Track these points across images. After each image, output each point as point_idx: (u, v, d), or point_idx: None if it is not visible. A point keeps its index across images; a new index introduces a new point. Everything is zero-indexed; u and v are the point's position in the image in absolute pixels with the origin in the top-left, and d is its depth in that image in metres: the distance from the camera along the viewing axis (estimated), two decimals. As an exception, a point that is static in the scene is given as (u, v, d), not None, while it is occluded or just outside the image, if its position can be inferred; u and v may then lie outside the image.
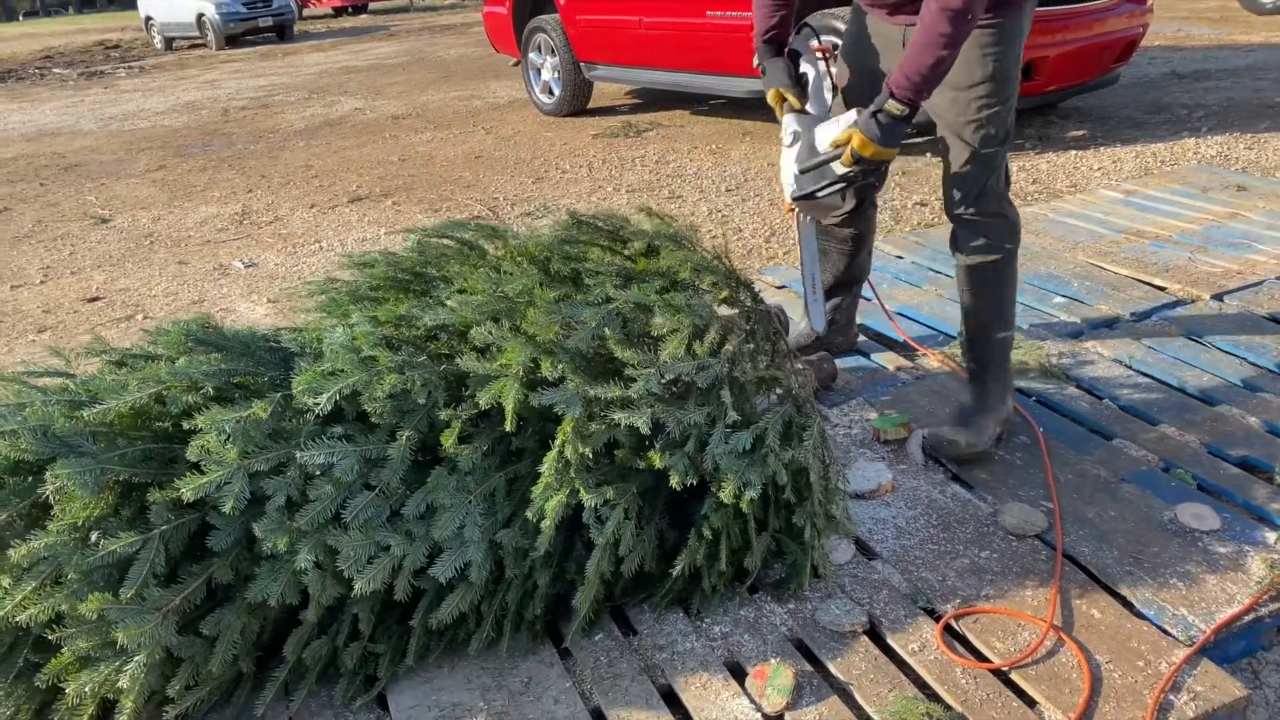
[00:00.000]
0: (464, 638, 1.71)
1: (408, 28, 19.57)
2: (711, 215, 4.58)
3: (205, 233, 5.22)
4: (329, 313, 1.97)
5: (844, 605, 1.75)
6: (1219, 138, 5.13)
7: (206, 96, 11.30)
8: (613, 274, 1.83)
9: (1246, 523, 1.89)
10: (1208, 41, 8.39)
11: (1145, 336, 2.65)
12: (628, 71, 6.84)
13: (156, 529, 1.54)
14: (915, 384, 2.52)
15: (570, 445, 1.63)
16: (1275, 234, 3.28)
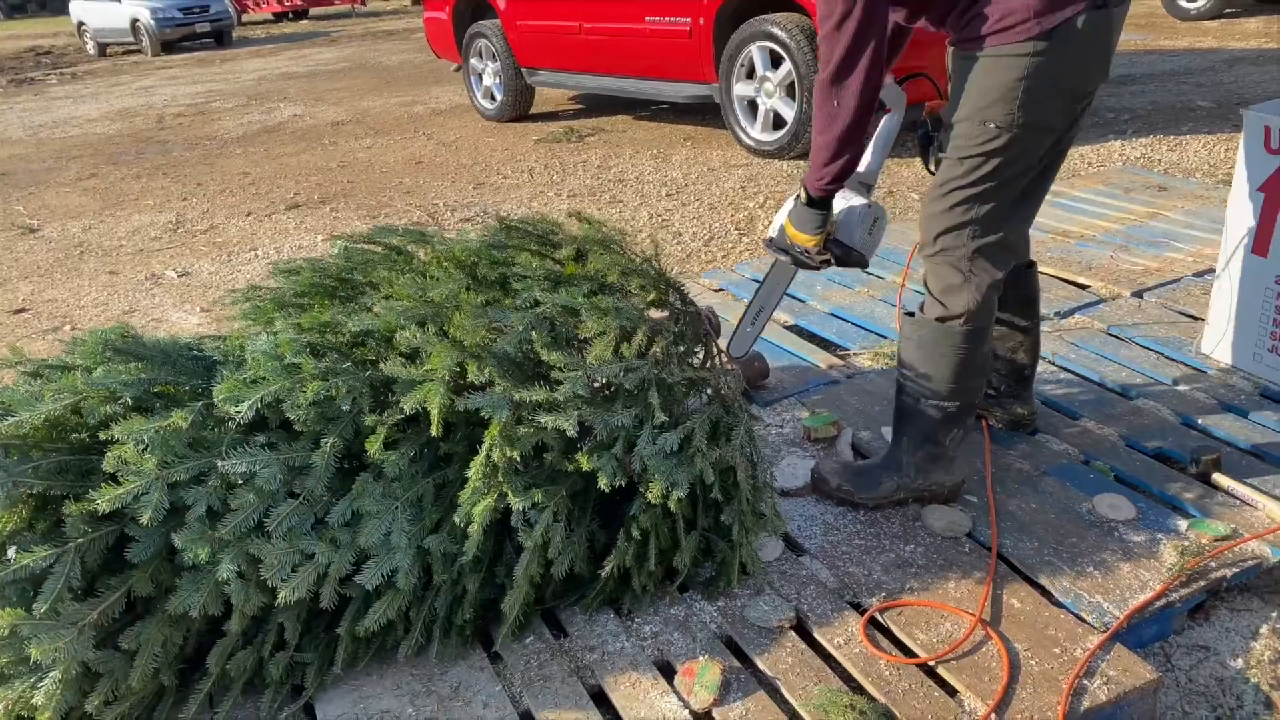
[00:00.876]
0: (393, 644, 1.70)
1: (349, 34, 19.36)
2: (652, 219, 4.60)
3: (138, 242, 5.12)
4: (253, 320, 1.94)
5: (772, 601, 1.78)
6: (1143, 140, 5.28)
7: (141, 103, 11.07)
8: (541, 278, 1.84)
9: (1161, 511, 1.95)
10: (1135, 47, 8.62)
11: (1068, 333, 2.72)
12: (569, 77, 6.85)
13: (72, 542, 1.52)
14: (846, 383, 2.56)
15: (498, 449, 1.63)
16: (1193, 232, 3.38)
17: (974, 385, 1.94)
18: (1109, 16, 1.69)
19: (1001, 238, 1.83)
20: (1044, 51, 1.67)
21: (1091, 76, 1.75)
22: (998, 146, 1.74)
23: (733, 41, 5.50)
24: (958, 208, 1.81)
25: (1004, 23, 1.68)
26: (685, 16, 5.71)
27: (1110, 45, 1.75)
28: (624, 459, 1.70)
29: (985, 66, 1.73)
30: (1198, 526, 1.88)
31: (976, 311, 1.86)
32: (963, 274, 1.84)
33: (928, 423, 1.96)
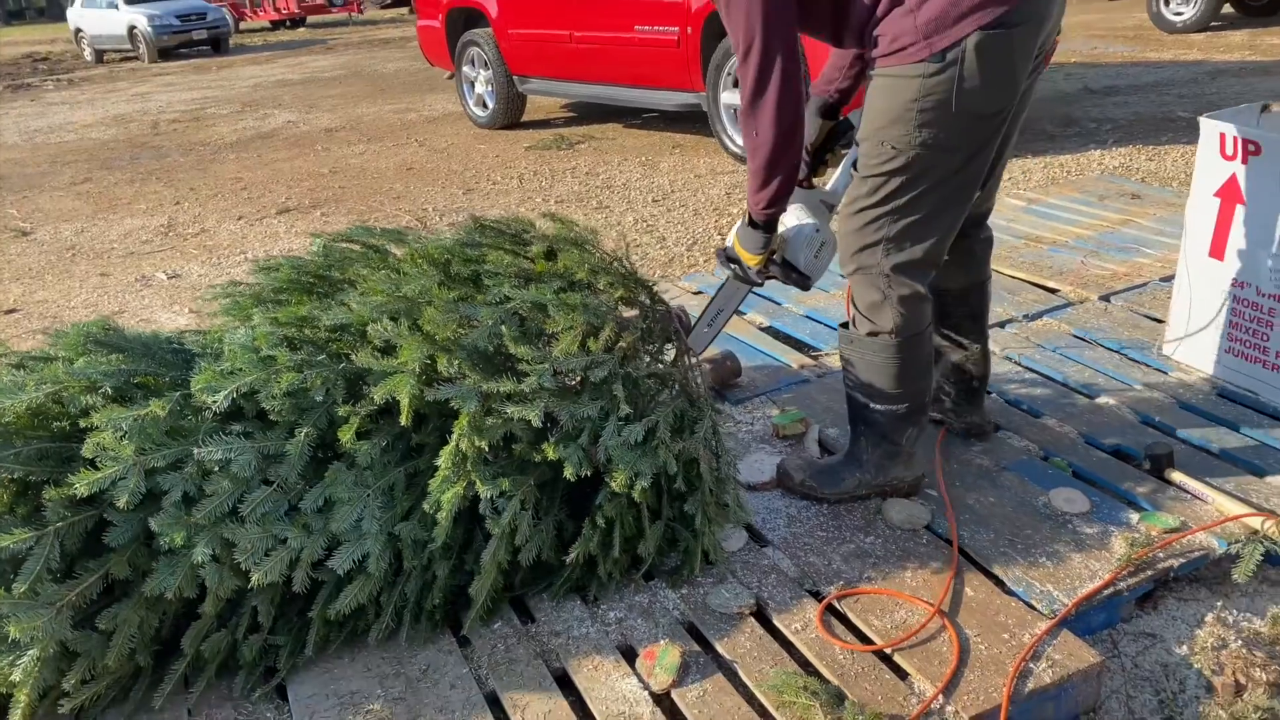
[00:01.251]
0: (364, 628, 1.75)
1: (345, 42, 19.46)
2: (637, 224, 4.67)
3: (129, 245, 5.18)
4: (232, 316, 2.00)
5: (733, 589, 1.83)
6: (1123, 149, 5.36)
7: (136, 109, 11.14)
8: (512, 275, 1.90)
9: (1114, 505, 2.01)
10: (1121, 59, 8.72)
11: (1035, 335, 2.78)
12: (560, 85, 6.93)
13: (51, 525, 1.57)
14: (816, 382, 2.62)
15: (466, 438, 1.68)
16: (1163, 239, 3.45)
17: (920, 386, 1.99)
18: (1008, 38, 1.67)
19: (916, 254, 1.84)
20: (935, 73, 1.67)
21: (993, 98, 1.72)
22: (897, 166, 1.77)
23: (720, 50, 5.57)
24: (868, 227, 1.84)
25: (896, 44, 1.71)
26: (674, 26, 5.78)
27: (1013, 66, 1.72)
28: (590, 450, 1.76)
29: (881, 87, 1.76)
30: (1148, 519, 1.93)
31: (903, 325, 1.88)
32: (881, 291, 1.87)
33: (882, 425, 2.01)
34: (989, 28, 1.65)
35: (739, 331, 2.97)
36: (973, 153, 1.79)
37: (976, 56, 1.67)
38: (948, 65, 1.67)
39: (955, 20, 1.65)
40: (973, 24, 1.65)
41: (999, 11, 1.65)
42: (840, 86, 2.05)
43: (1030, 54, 1.76)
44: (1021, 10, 1.67)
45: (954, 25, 1.66)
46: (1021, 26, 1.69)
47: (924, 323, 1.94)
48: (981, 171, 1.85)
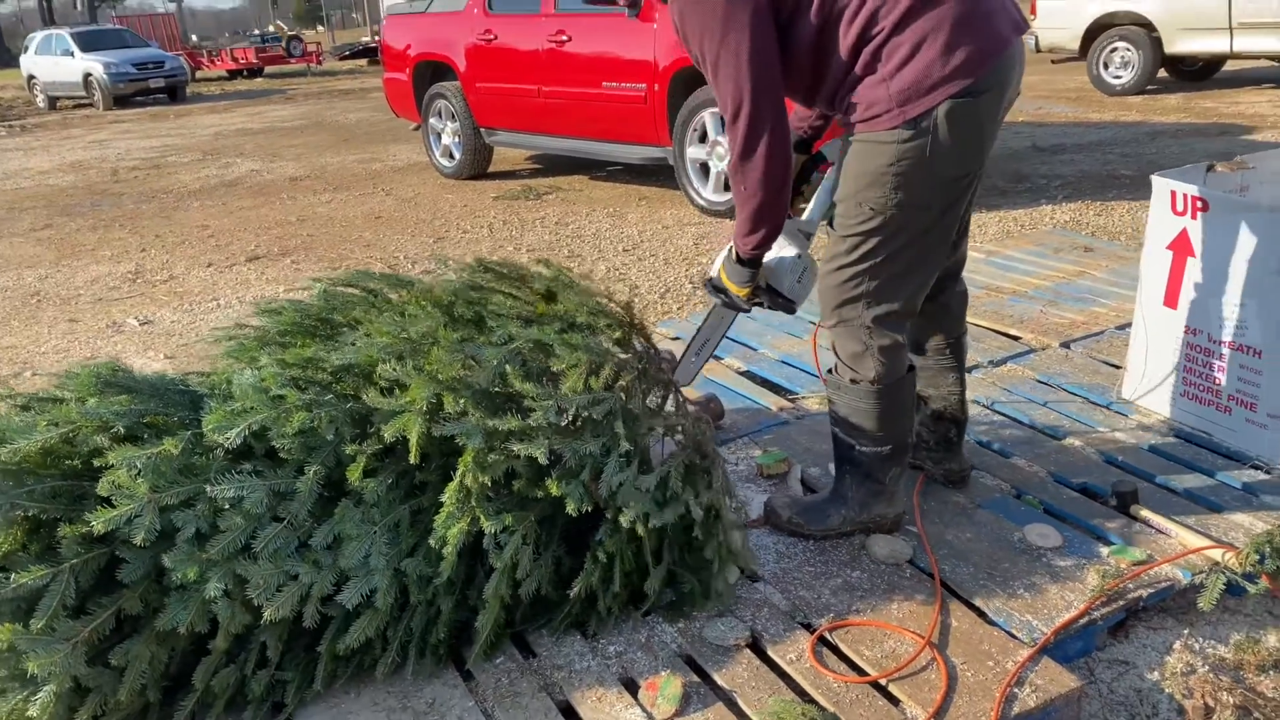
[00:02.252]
0: (370, 663, 1.78)
1: (305, 92, 19.54)
2: (609, 274, 4.76)
3: (96, 291, 5.16)
4: (236, 358, 2.05)
5: (729, 623, 1.89)
6: (1072, 205, 5.60)
7: (94, 156, 11.08)
8: (514, 316, 1.97)
9: (1084, 540, 2.11)
10: (1065, 119, 9.10)
11: (1001, 380, 2.91)
12: (527, 137, 7.06)
13: (67, 562, 1.59)
14: (795, 423, 2.71)
15: (471, 474, 1.74)
16: (1117, 289, 3.62)
17: (902, 428, 2.09)
18: (975, 105, 1.79)
19: (895, 306, 1.95)
20: (909, 139, 1.78)
21: (963, 161, 1.84)
22: (874, 226, 1.87)
23: (686, 107, 5.75)
24: (848, 283, 1.94)
25: (870, 112, 1.82)
26: (641, 83, 5.95)
27: (981, 131, 1.84)
28: (591, 486, 1.82)
29: (858, 152, 1.87)
30: (1117, 553, 2.04)
31: (884, 374, 1.99)
32: (862, 342, 1.97)
33: (866, 464, 2.10)
34: (958, 96, 1.77)
35: (718, 375, 3.06)
36: (944, 210, 1.91)
37: (947, 124, 1.78)
38: (921, 132, 1.79)
39: (927, 90, 1.77)
40: (943, 94, 1.77)
41: (967, 82, 1.77)
42: (813, 124, 2.20)
43: (997, 118, 1.89)
44: (987, 79, 1.80)
45: (926, 95, 1.77)
46: (988, 94, 1.81)
47: (903, 369, 2.05)
48: (953, 229, 1.98)
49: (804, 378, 3.03)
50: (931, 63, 1.76)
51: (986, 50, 1.78)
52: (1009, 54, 1.83)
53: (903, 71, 1.78)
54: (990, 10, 1.81)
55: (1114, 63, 10.49)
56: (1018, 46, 1.87)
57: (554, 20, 6.44)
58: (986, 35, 1.79)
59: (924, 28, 1.76)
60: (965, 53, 1.76)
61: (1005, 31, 1.82)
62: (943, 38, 1.75)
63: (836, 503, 2.16)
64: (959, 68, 1.76)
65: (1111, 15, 10.35)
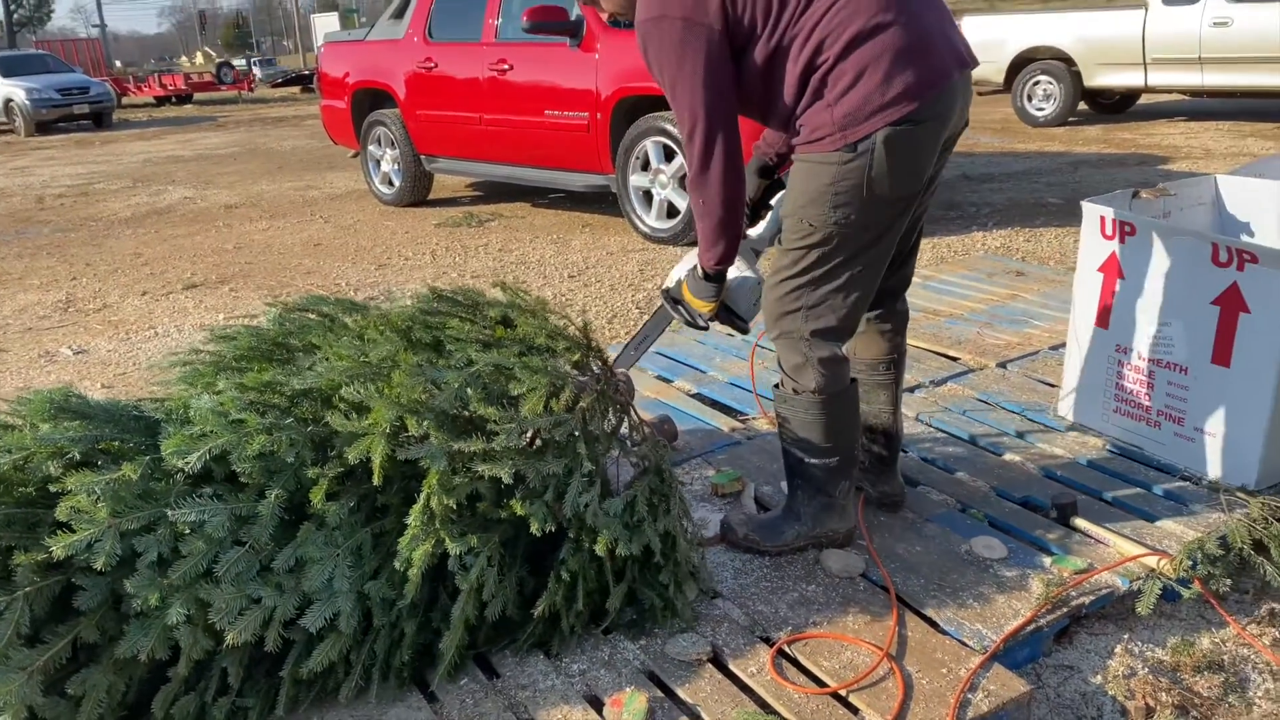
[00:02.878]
0: (333, 687, 1.77)
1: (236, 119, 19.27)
2: (555, 300, 4.79)
3: (26, 320, 5.02)
4: (191, 384, 2.03)
5: (690, 638, 1.92)
6: (1002, 231, 5.79)
7: (17, 183, 10.78)
8: (473, 340, 1.99)
9: (1028, 551, 2.19)
10: (992, 149, 9.41)
11: (942, 399, 3.00)
12: (469, 165, 7.07)
13: (20, 590, 1.56)
14: (747, 443, 2.76)
15: (435, 497, 1.75)
16: (1048, 312, 3.76)
17: (850, 439, 2.16)
18: (914, 133, 1.87)
19: (832, 320, 2.03)
20: (849, 161, 1.87)
21: (899, 184, 1.92)
22: (815, 241, 1.96)
23: (628, 135, 5.82)
24: (789, 295, 2.03)
25: (815, 134, 1.91)
26: (583, 111, 6.02)
27: (918, 157, 1.92)
28: (554, 506, 1.84)
29: (802, 171, 1.96)
30: (1059, 562, 2.12)
31: (825, 384, 2.07)
32: (802, 354, 2.05)
33: (816, 478, 2.16)
34: (897, 124, 1.86)
35: (670, 398, 3.10)
36: (882, 231, 2.00)
37: (885, 149, 1.87)
38: (859, 155, 1.88)
39: (867, 116, 1.86)
40: (882, 120, 1.86)
41: (906, 110, 1.86)
42: (779, 151, 2.26)
43: (935, 148, 1.97)
44: (926, 110, 1.88)
45: (866, 121, 1.86)
46: (927, 124, 1.90)
47: (844, 381, 2.12)
48: (891, 248, 2.06)
49: (753, 399, 3.08)
50: (872, 91, 1.85)
51: (926, 81, 1.87)
52: (950, 86, 1.92)
53: (845, 98, 1.87)
54: (932, 44, 1.90)
55: (1037, 95, 10.90)
56: (961, 80, 1.96)
57: (495, 49, 6.48)
58: (927, 67, 1.88)
59: (866, 57, 1.85)
60: (904, 83, 1.85)
61: (948, 65, 1.91)
62: (883, 67, 1.84)
63: (790, 519, 2.21)
64: (898, 96, 1.85)
65: (1034, 50, 10.78)
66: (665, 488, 2.04)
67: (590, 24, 5.91)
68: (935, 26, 1.92)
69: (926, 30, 1.89)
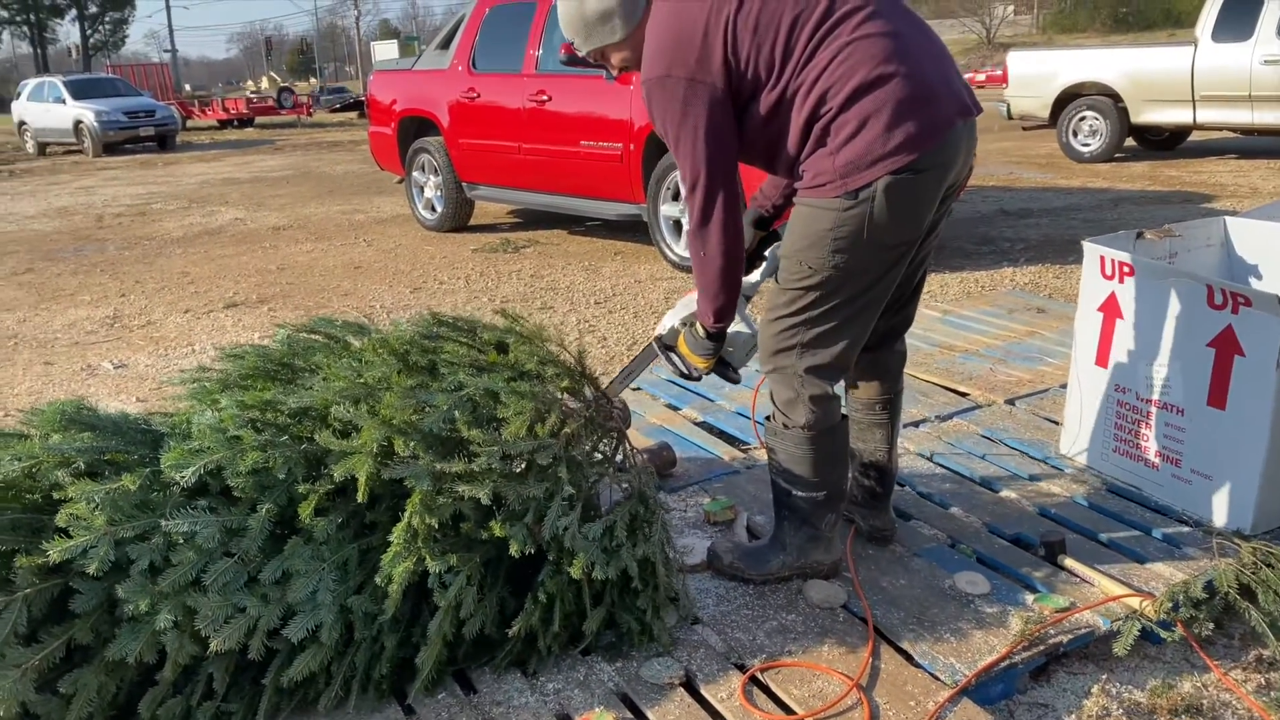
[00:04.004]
0: (314, 697, 1.84)
1: (293, 143, 19.79)
2: (580, 325, 4.87)
3: (74, 334, 5.22)
4: (198, 400, 2.13)
5: (664, 662, 1.96)
6: (1034, 267, 5.76)
7: (80, 202, 11.20)
8: (466, 365, 2.06)
9: (1012, 587, 2.20)
10: (1034, 184, 9.35)
11: (946, 435, 3.01)
12: (507, 192, 7.22)
13: (20, 591, 1.66)
14: (745, 473, 2.80)
15: (418, 515, 1.82)
16: (1063, 349, 3.74)
17: (837, 475, 2.19)
18: (914, 182, 1.91)
19: (826, 358, 2.06)
20: (849, 208, 1.91)
21: (897, 231, 1.96)
22: (813, 283, 2.00)
23: (660, 166, 5.91)
24: (784, 333, 2.07)
25: (816, 180, 1.96)
26: (618, 142, 6.13)
27: (917, 205, 1.96)
28: (534, 528, 1.90)
29: (803, 214, 2.01)
30: (1041, 599, 2.12)
31: (815, 421, 2.10)
32: (795, 390, 2.09)
33: (803, 510, 2.19)
34: (897, 173, 1.90)
35: (675, 425, 3.15)
36: (879, 276, 2.03)
37: (885, 197, 1.91)
38: (860, 202, 1.92)
39: (868, 165, 1.90)
40: (882, 169, 1.90)
41: (907, 159, 1.89)
42: (775, 203, 2.31)
43: (935, 196, 2.01)
44: (927, 160, 1.92)
45: (867, 169, 1.90)
46: (927, 173, 1.94)
47: (835, 418, 2.15)
48: (887, 292, 2.08)
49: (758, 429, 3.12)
50: (874, 140, 1.89)
51: (928, 131, 1.91)
52: (952, 136, 1.95)
53: (847, 146, 1.91)
54: (934, 94, 1.93)
55: (1083, 130, 10.81)
56: (964, 129, 1.99)
57: (535, 80, 6.63)
58: (929, 118, 1.91)
59: (869, 108, 1.89)
60: (906, 133, 1.88)
61: (950, 114, 1.94)
62: (885, 118, 1.88)
63: (776, 549, 2.25)
64: (899, 146, 1.89)
65: (1080, 85, 10.70)
66: (648, 514, 2.09)
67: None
68: (938, 76, 1.96)
69: (929, 81, 1.93)
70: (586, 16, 2.04)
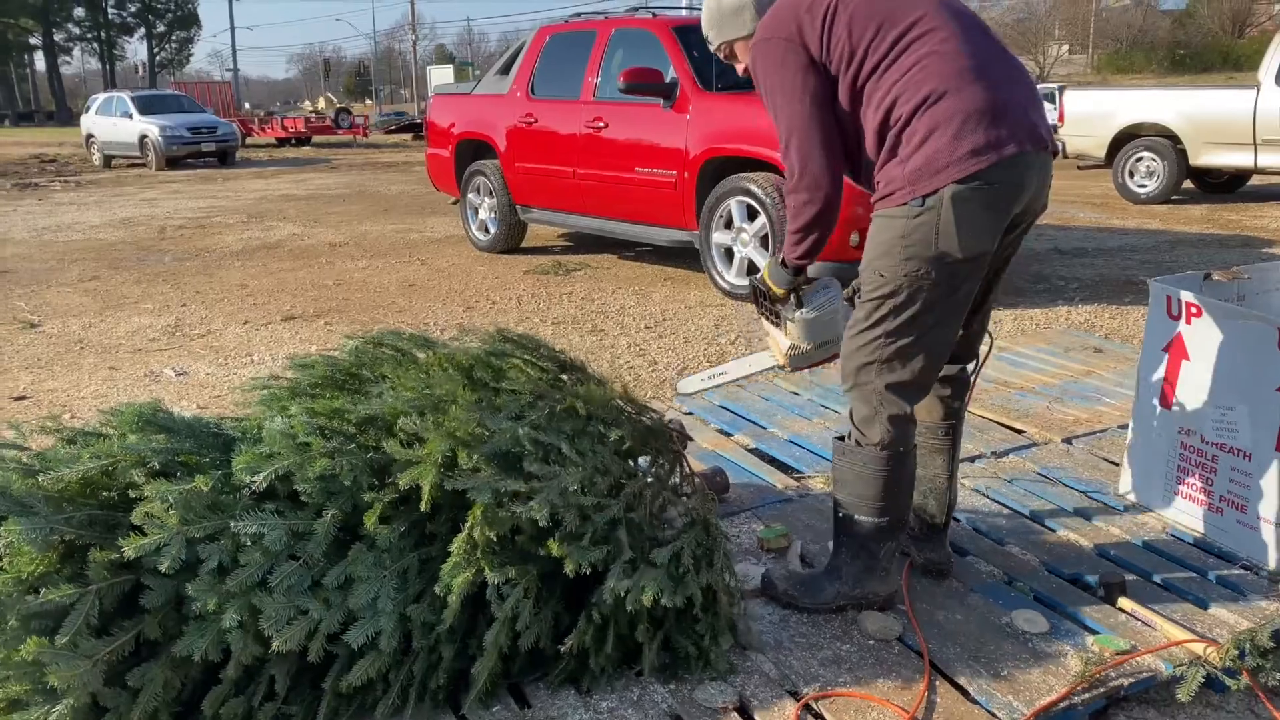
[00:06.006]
0: (371, 704, 1.86)
1: (350, 162, 20.16)
2: (630, 348, 4.90)
3: (137, 341, 5.35)
4: (268, 406, 2.17)
5: (719, 686, 1.96)
6: (1089, 307, 5.69)
7: (144, 214, 11.49)
8: (528, 392, 2.08)
9: (1070, 628, 2.16)
10: (1089, 223, 9.25)
11: (1002, 471, 2.98)
12: (561, 216, 7.29)
13: (94, 585, 1.70)
14: (799, 501, 2.79)
15: (479, 528, 1.84)
16: (1123, 390, 3.70)
17: (901, 503, 2.18)
18: (981, 193, 1.95)
19: (905, 375, 2.07)
20: (918, 215, 1.96)
21: (967, 243, 1.96)
22: (887, 292, 2.02)
23: (714, 194, 5.95)
24: (864, 348, 2.08)
25: (888, 189, 2.01)
26: (672, 169, 6.18)
27: (985, 217, 1.97)
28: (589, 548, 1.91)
29: (877, 225, 2.06)
30: (1101, 641, 2.09)
31: (890, 441, 2.10)
32: (873, 407, 2.10)
33: (862, 536, 2.18)
34: (963, 181, 1.93)
35: (728, 450, 3.15)
36: (951, 290, 2.03)
37: (952, 204, 1.94)
38: (928, 209, 1.95)
39: (936, 172, 1.94)
40: (948, 177, 1.93)
41: (973, 169, 1.92)
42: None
43: (1003, 215, 2.02)
44: (994, 173, 1.94)
45: (934, 176, 1.94)
46: (995, 187, 1.95)
47: (909, 441, 2.15)
48: (963, 308, 2.09)
49: (811, 458, 3.11)
50: (941, 148, 1.93)
51: (994, 144, 1.93)
52: (1022, 157, 1.96)
53: (917, 154, 1.96)
54: (1005, 113, 1.96)
55: (1139, 171, 10.69)
56: (1037, 157, 2.01)
57: (592, 107, 6.72)
58: (998, 134, 1.94)
59: (938, 117, 1.94)
60: (974, 143, 1.93)
61: (1019, 135, 1.96)
62: (954, 127, 1.93)
63: (832, 577, 2.23)
64: (966, 155, 1.93)
65: (1137, 125, 10.58)
66: (711, 541, 2.09)
67: (684, 86, 6.09)
68: (1014, 100, 1.99)
69: (1002, 100, 1.97)
70: (723, 8, 2.23)
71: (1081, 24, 56.54)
